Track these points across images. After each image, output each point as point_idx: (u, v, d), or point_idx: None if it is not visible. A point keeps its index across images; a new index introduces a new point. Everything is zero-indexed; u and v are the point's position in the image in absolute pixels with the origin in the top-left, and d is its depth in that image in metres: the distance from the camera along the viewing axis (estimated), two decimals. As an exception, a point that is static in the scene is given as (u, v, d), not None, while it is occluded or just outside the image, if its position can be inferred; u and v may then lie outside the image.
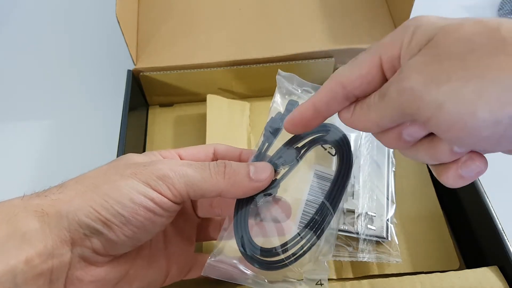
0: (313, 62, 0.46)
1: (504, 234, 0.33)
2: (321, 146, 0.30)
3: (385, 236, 0.36)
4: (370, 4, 0.50)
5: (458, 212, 0.39)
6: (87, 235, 0.22)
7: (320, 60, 0.46)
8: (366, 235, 0.36)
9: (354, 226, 0.37)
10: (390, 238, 0.36)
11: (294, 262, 0.27)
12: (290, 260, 0.27)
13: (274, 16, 0.50)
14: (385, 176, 0.39)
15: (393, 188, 0.39)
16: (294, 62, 0.46)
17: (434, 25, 0.19)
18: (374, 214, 0.37)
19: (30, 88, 0.56)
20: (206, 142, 0.42)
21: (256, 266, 0.27)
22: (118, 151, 0.39)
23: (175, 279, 0.30)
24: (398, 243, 0.36)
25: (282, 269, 0.27)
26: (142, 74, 0.46)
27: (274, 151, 0.29)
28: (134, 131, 0.44)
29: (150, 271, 0.28)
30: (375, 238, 0.36)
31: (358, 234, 0.36)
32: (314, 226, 0.28)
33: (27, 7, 0.65)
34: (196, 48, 0.48)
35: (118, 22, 0.40)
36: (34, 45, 0.61)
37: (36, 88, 0.56)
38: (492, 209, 0.34)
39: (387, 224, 0.37)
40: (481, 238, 0.36)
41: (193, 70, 0.46)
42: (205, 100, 0.46)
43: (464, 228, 0.38)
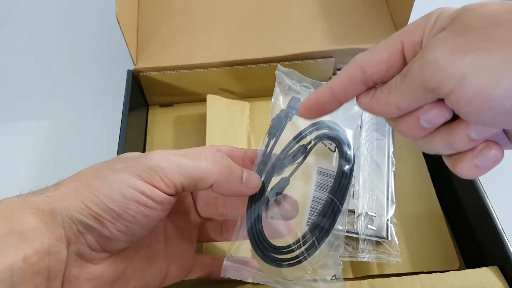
0: (313, 62, 0.46)
1: (504, 234, 0.33)
2: (321, 143, 0.30)
3: (385, 236, 0.36)
4: (370, 4, 0.50)
5: (458, 212, 0.39)
6: (81, 232, 0.22)
7: (320, 60, 0.46)
8: (366, 235, 0.36)
9: (354, 226, 0.37)
10: (390, 238, 0.36)
11: (307, 258, 0.27)
12: (304, 256, 0.27)
13: (274, 16, 0.50)
14: (385, 176, 0.39)
15: (393, 188, 0.39)
16: (294, 62, 0.46)
17: (457, 9, 0.19)
18: (374, 214, 0.37)
19: (30, 88, 0.56)
20: (206, 142, 0.42)
21: (271, 264, 0.27)
22: (118, 151, 0.39)
23: (174, 280, 0.30)
24: (398, 243, 0.36)
25: (296, 265, 0.27)
26: (142, 74, 0.46)
27: (279, 149, 0.29)
28: (134, 131, 0.44)
29: (148, 271, 0.27)
30: (375, 238, 0.36)
31: (358, 234, 0.36)
32: (323, 221, 0.28)
33: (27, 7, 0.65)
34: (196, 48, 0.48)
35: (118, 22, 0.40)
36: (34, 45, 0.61)
37: (36, 88, 0.56)
38: (492, 209, 0.34)
39: (387, 224, 0.37)
40: (481, 238, 0.36)
41: (193, 70, 0.46)
42: (205, 100, 0.46)
43: (464, 228, 0.38)
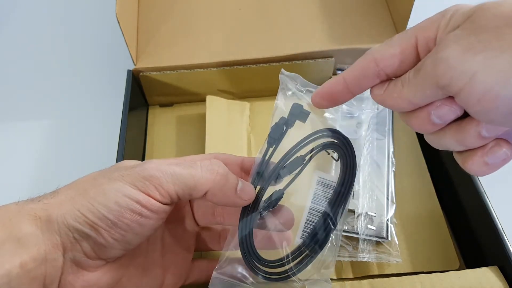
0: (313, 62, 0.46)
1: (504, 234, 0.33)
2: (324, 151, 0.29)
3: (385, 236, 0.36)
4: (370, 4, 0.50)
5: (458, 212, 0.39)
6: (77, 239, 0.22)
7: (320, 60, 0.46)
8: (366, 235, 0.36)
9: (354, 226, 0.37)
10: (390, 238, 0.36)
11: (297, 274, 0.27)
12: (293, 271, 0.27)
13: (274, 16, 0.50)
14: (385, 176, 0.39)
15: (393, 188, 0.39)
16: (294, 62, 0.46)
17: (472, 7, 0.19)
18: (374, 214, 0.37)
19: (30, 88, 0.56)
20: (205, 143, 0.42)
21: (260, 278, 0.27)
22: (118, 151, 0.39)
23: None
24: (398, 243, 0.36)
25: (285, 280, 0.27)
26: (142, 74, 0.46)
27: (277, 157, 0.28)
28: (134, 131, 0.44)
29: (144, 280, 0.27)
30: (375, 238, 0.36)
31: (358, 234, 0.36)
32: (316, 237, 0.28)
33: (27, 7, 0.65)
34: (196, 48, 0.48)
35: (118, 22, 0.40)
36: (34, 45, 0.61)
37: (36, 88, 0.56)
38: (492, 209, 0.34)
39: (387, 224, 0.37)
40: (481, 238, 0.36)
41: (193, 70, 0.46)
42: (205, 100, 0.46)
43: (464, 228, 0.38)
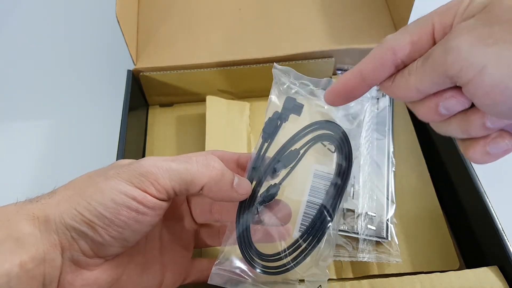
0: (313, 62, 0.46)
1: (504, 234, 0.33)
2: (320, 143, 0.30)
3: (385, 236, 0.36)
4: (370, 4, 0.50)
5: (458, 212, 0.39)
6: (74, 238, 0.23)
7: (320, 60, 0.46)
8: (366, 235, 0.36)
9: (354, 226, 0.37)
10: (390, 238, 0.36)
11: (295, 267, 0.27)
12: (291, 265, 0.27)
13: (274, 16, 0.50)
14: (385, 176, 0.39)
15: (393, 188, 0.39)
16: (294, 62, 0.46)
17: None
18: (374, 214, 0.37)
19: (30, 88, 0.56)
20: (206, 143, 0.42)
21: (258, 272, 0.27)
22: (118, 151, 0.39)
23: (171, 287, 0.30)
24: (398, 243, 0.36)
25: (284, 273, 0.27)
26: (142, 74, 0.46)
27: (273, 152, 0.29)
28: (134, 131, 0.44)
29: (143, 278, 0.27)
30: (375, 238, 0.36)
31: (358, 234, 0.36)
32: (314, 230, 0.28)
33: (27, 7, 0.65)
34: (196, 48, 0.48)
35: (118, 22, 0.40)
36: (34, 45, 0.61)
37: (36, 88, 0.56)
38: (492, 209, 0.34)
39: (387, 224, 0.37)
40: (481, 238, 0.36)
41: (193, 70, 0.46)
42: (205, 100, 0.46)
43: (464, 228, 0.38)
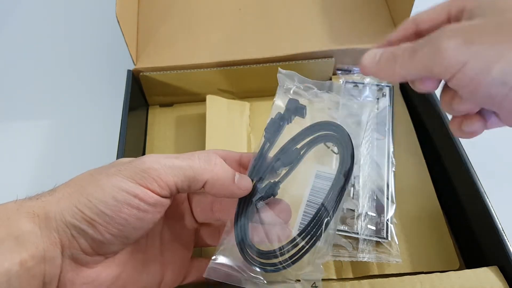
0: (313, 62, 0.46)
1: (504, 234, 0.33)
2: (324, 144, 0.30)
3: (385, 236, 0.36)
4: (370, 4, 0.50)
5: (458, 212, 0.39)
6: (74, 236, 0.22)
7: (320, 60, 0.46)
8: (366, 235, 0.36)
9: (354, 226, 0.37)
10: (390, 238, 0.36)
11: (291, 265, 0.27)
12: (287, 263, 0.27)
13: (274, 16, 0.50)
14: (385, 176, 0.39)
15: (393, 188, 0.39)
16: (294, 62, 0.46)
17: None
18: (374, 214, 0.37)
19: (30, 88, 0.56)
20: (205, 143, 0.42)
21: (255, 269, 0.27)
22: (118, 151, 0.39)
23: (170, 285, 0.30)
24: (398, 243, 0.36)
25: (280, 271, 0.27)
26: (142, 74, 0.46)
27: (275, 152, 0.29)
28: (134, 131, 0.44)
29: (143, 276, 0.27)
30: (375, 238, 0.36)
31: (358, 234, 0.36)
32: (312, 229, 0.28)
33: (27, 7, 0.65)
34: (196, 48, 0.48)
35: (118, 22, 0.40)
36: (34, 45, 0.61)
37: (36, 88, 0.56)
38: (492, 209, 0.34)
39: (387, 224, 0.37)
40: (481, 238, 0.36)
41: (193, 70, 0.46)
42: (205, 100, 0.46)
43: (464, 228, 0.38)
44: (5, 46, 0.61)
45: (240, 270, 0.27)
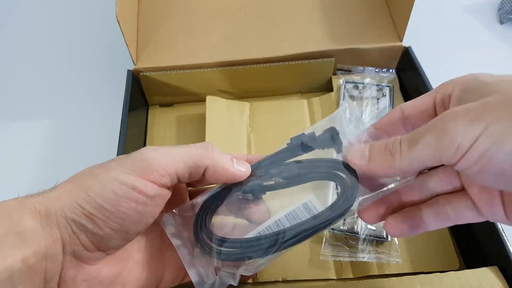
0: (313, 62, 0.46)
1: (504, 234, 0.33)
2: (333, 185, 0.28)
3: (385, 236, 0.36)
4: (370, 4, 0.50)
5: (458, 212, 0.39)
6: (75, 232, 0.22)
7: (320, 60, 0.46)
8: (366, 235, 0.36)
9: (354, 226, 0.37)
10: (390, 238, 0.36)
11: (222, 259, 0.26)
12: (216, 253, 0.25)
13: (274, 16, 0.50)
14: (385, 176, 0.39)
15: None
16: (294, 62, 0.46)
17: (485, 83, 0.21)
18: (374, 214, 0.37)
19: (30, 88, 0.56)
20: (206, 142, 0.42)
21: (194, 239, 0.26)
22: (118, 151, 0.39)
23: (170, 284, 0.30)
24: (398, 243, 0.36)
25: (205, 252, 0.26)
26: (142, 74, 0.46)
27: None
28: (134, 131, 0.44)
29: (143, 274, 0.27)
30: (375, 238, 0.36)
31: (358, 234, 0.36)
32: (255, 247, 0.25)
33: (27, 7, 0.65)
34: (196, 48, 0.48)
35: (118, 22, 0.40)
36: (34, 45, 0.61)
37: (36, 88, 0.56)
38: (492, 209, 0.34)
39: (387, 224, 0.37)
40: (481, 238, 0.36)
41: (193, 70, 0.46)
42: (205, 100, 0.46)
43: (464, 228, 0.38)
44: (5, 46, 0.61)
45: (183, 233, 0.27)
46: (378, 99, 0.46)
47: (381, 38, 0.47)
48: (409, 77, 0.47)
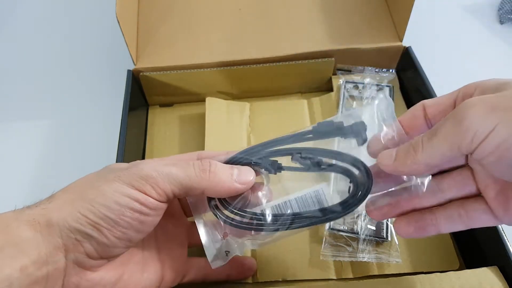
0: (313, 62, 0.46)
1: (504, 234, 0.33)
2: (348, 182, 0.28)
3: (385, 236, 0.36)
4: (370, 4, 0.50)
5: (458, 212, 0.39)
6: (79, 240, 0.23)
7: (320, 60, 0.46)
8: (366, 235, 0.36)
9: (354, 226, 0.37)
10: (390, 238, 0.36)
11: (230, 224, 0.27)
12: (230, 221, 0.27)
13: (274, 16, 0.50)
14: (385, 176, 0.39)
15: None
16: (294, 62, 0.46)
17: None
18: (374, 214, 0.37)
19: (30, 88, 0.56)
20: (205, 144, 0.42)
21: (212, 207, 0.27)
22: (118, 151, 0.39)
23: (170, 284, 0.30)
24: (398, 243, 0.36)
25: (217, 217, 0.27)
26: (142, 74, 0.46)
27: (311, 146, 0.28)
28: (134, 131, 0.44)
29: (144, 276, 0.28)
30: (375, 238, 0.36)
31: (358, 234, 0.36)
32: (261, 222, 0.27)
33: (27, 7, 0.65)
34: (196, 48, 0.48)
35: (118, 22, 0.40)
36: (34, 45, 0.61)
37: (36, 88, 0.56)
38: (492, 209, 0.34)
39: (387, 224, 0.37)
40: (481, 238, 0.36)
41: (193, 70, 0.46)
42: (205, 100, 0.46)
43: (464, 228, 0.38)
44: (5, 46, 0.61)
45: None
46: (378, 99, 0.46)
47: (381, 38, 0.47)
48: (409, 77, 0.47)
